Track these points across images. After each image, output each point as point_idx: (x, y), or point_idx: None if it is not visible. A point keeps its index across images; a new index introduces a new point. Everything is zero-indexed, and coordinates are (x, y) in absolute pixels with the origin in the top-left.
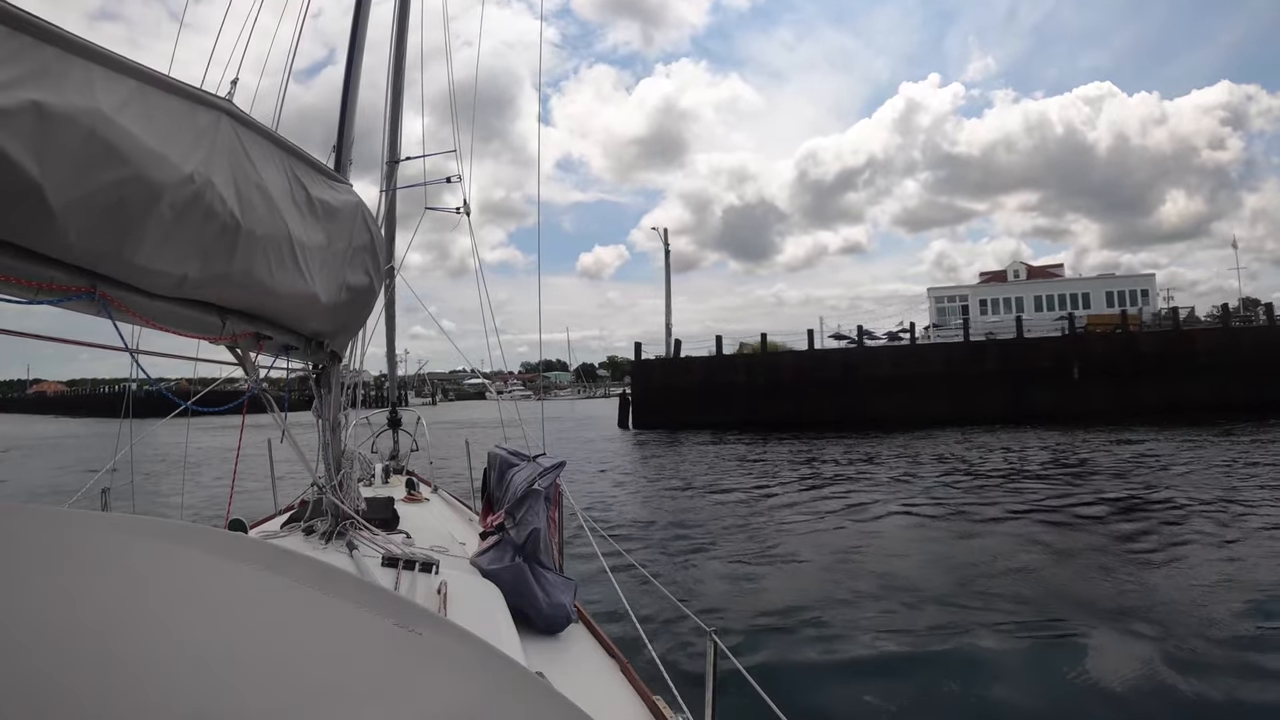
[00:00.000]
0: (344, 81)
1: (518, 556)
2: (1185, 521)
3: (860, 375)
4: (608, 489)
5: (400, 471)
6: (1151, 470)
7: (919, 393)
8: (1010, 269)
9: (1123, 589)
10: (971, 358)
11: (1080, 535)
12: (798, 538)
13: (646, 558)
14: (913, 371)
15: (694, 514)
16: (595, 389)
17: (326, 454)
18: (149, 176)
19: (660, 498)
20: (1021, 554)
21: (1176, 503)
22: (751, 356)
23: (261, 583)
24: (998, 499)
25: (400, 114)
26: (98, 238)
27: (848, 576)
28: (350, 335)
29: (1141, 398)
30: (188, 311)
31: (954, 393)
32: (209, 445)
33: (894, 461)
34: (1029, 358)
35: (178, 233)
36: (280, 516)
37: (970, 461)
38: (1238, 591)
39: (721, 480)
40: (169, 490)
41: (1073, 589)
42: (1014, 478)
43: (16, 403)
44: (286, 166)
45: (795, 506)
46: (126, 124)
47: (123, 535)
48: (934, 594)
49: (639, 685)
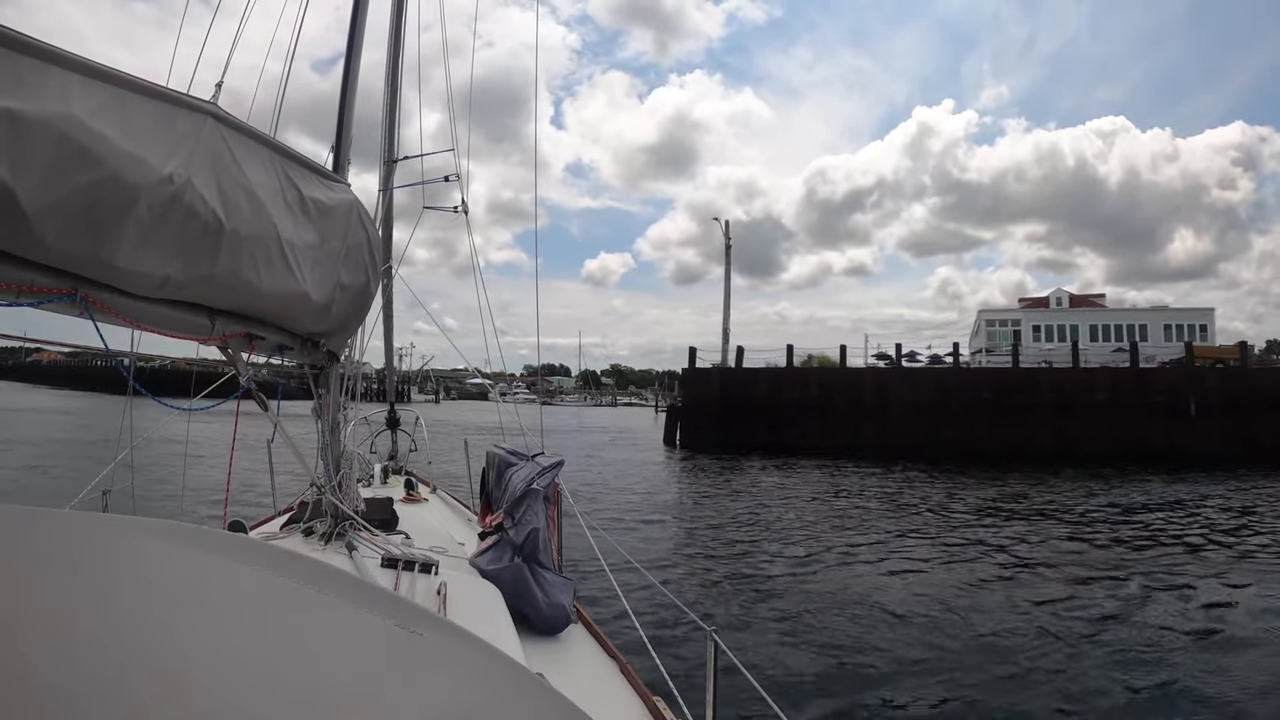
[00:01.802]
0: (343, 81)
1: (517, 556)
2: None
3: (955, 399)
4: (665, 545)
5: (399, 472)
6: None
7: (1020, 421)
8: (1053, 296)
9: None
10: (1081, 386)
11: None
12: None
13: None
14: (1016, 399)
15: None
16: (601, 396)
17: (326, 454)
18: (125, 178)
19: (750, 579)
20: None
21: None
22: (829, 370)
23: (262, 583)
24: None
25: (398, 113)
26: (76, 240)
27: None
28: (348, 334)
29: (1258, 438)
30: (174, 313)
31: (1058, 423)
32: (206, 436)
33: (1069, 517)
34: (1139, 388)
35: (158, 233)
36: (280, 517)
37: (1173, 520)
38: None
39: (823, 541)
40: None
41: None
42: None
43: (14, 370)
44: (277, 167)
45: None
46: (101, 128)
47: (124, 536)
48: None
49: (639, 685)
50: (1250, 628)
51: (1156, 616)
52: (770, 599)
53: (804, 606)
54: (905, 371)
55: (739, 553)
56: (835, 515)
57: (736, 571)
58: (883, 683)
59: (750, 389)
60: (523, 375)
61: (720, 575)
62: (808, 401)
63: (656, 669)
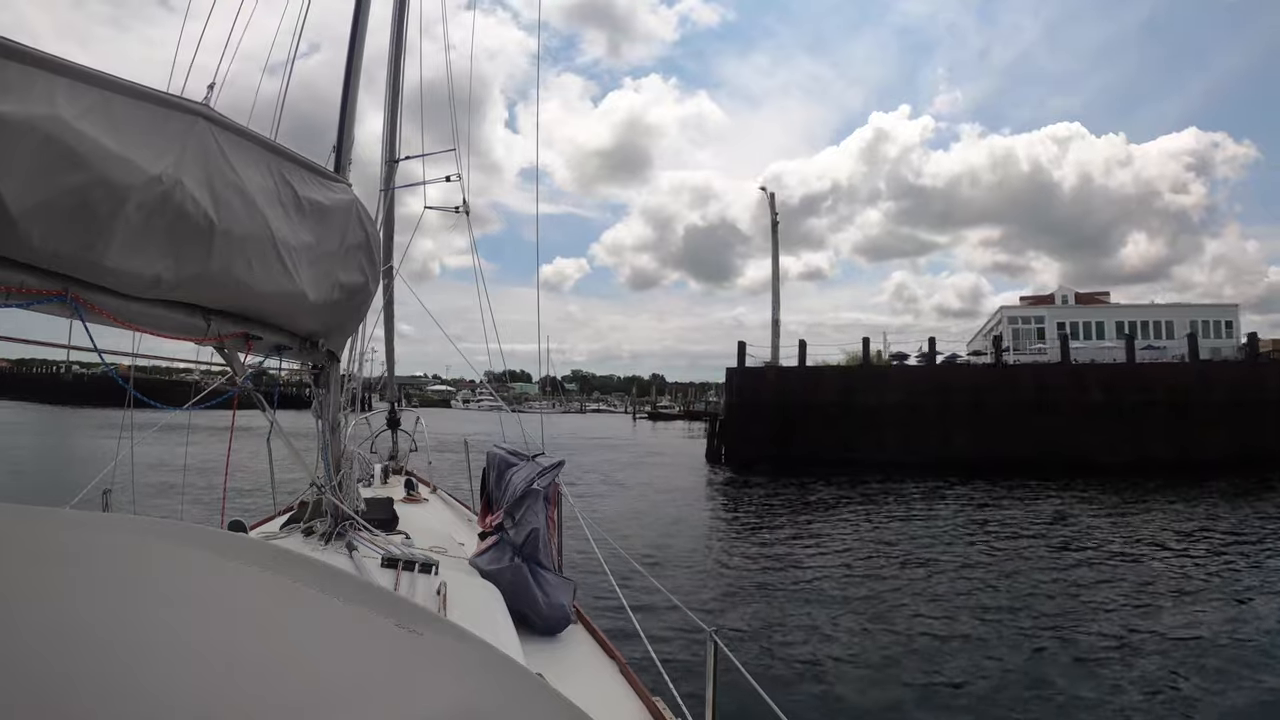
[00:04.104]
0: (344, 81)
1: (517, 557)
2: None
3: (1059, 400)
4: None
5: (399, 472)
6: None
7: (1134, 424)
8: (1058, 294)
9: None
10: (1199, 385)
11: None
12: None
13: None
14: (1126, 399)
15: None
16: (569, 403)
17: (326, 454)
18: (113, 179)
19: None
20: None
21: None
22: (913, 370)
23: (262, 583)
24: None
25: (399, 114)
26: (64, 240)
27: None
28: (347, 334)
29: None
30: (168, 313)
31: (1173, 426)
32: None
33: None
34: (1255, 386)
35: (148, 233)
36: (280, 517)
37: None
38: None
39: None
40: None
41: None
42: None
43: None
44: (273, 167)
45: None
46: (88, 130)
47: (123, 536)
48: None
49: (638, 685)
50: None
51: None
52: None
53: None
54: (1005, 371)
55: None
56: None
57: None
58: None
59: (817, 393)
60: (484, 381)
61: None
62: (886, 407)
63: (656, 669)
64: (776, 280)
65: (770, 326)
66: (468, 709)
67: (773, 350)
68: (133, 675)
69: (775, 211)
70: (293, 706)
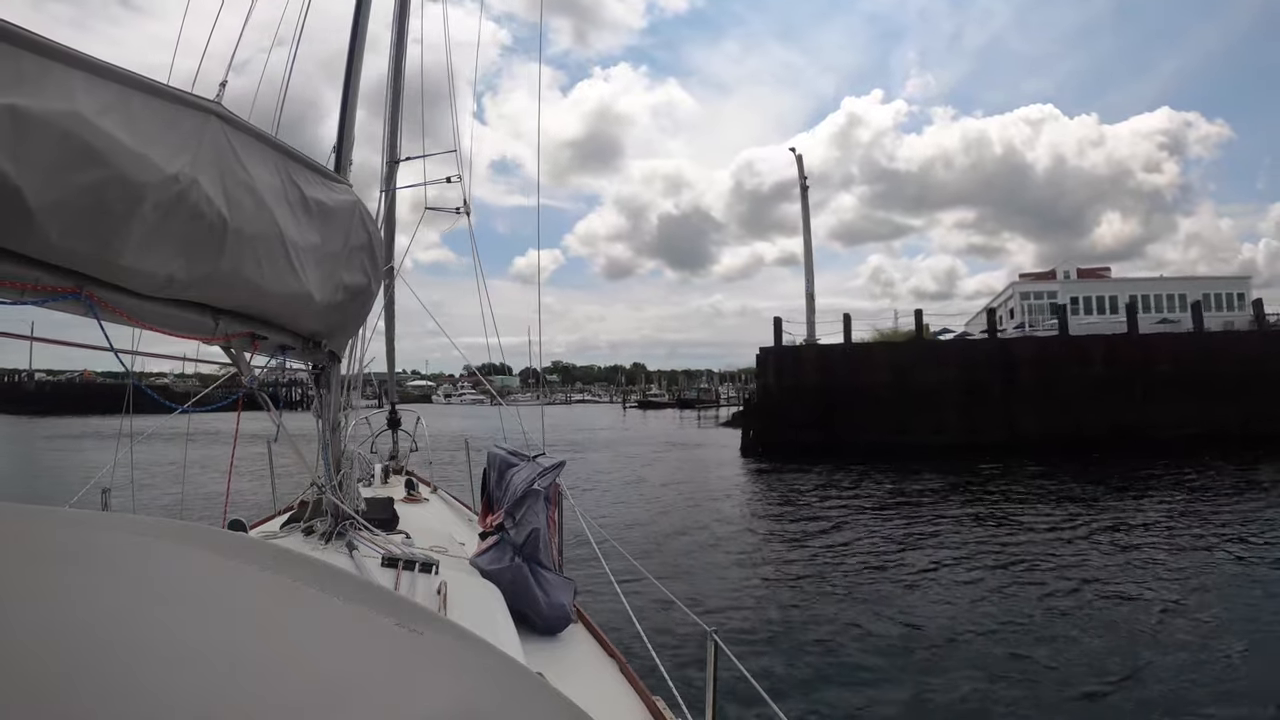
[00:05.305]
0: (344, 81)
1: (517, 557)
2: None
3: (1125, 373)
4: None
5: (400, 472)
6: None
7: (1201, 399)
8: (1060, 269)
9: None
10: (1270, 353)
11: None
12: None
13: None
14: (1198, 369)
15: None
16: (554, 395)
17: (326, 454)
18: (130, 177)
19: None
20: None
21: None
22: (973, 343)
23: (262, 583)
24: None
25: (400, 114)
26: (80, 238)
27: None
28: (349, 335)
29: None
30: (179, 312)
31: (1245, 399)
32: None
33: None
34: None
35: (163, 232)
36: (280, 517)
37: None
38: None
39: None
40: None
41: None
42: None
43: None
44: (280, 167)
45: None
46: (107, 126)
47: (123, 535)
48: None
49: (638, 685)
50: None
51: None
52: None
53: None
54: (1071, 341)
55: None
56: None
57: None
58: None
59: (867, 372)
60: (463, 375)
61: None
62: (944, 385)
63: (656, 669)
64: (809, 248)
65: (805, 301)
66: (468, 708)
67: (808, 327)
68: (132, 675)
69: (804, 175)
70: (292, 706)
